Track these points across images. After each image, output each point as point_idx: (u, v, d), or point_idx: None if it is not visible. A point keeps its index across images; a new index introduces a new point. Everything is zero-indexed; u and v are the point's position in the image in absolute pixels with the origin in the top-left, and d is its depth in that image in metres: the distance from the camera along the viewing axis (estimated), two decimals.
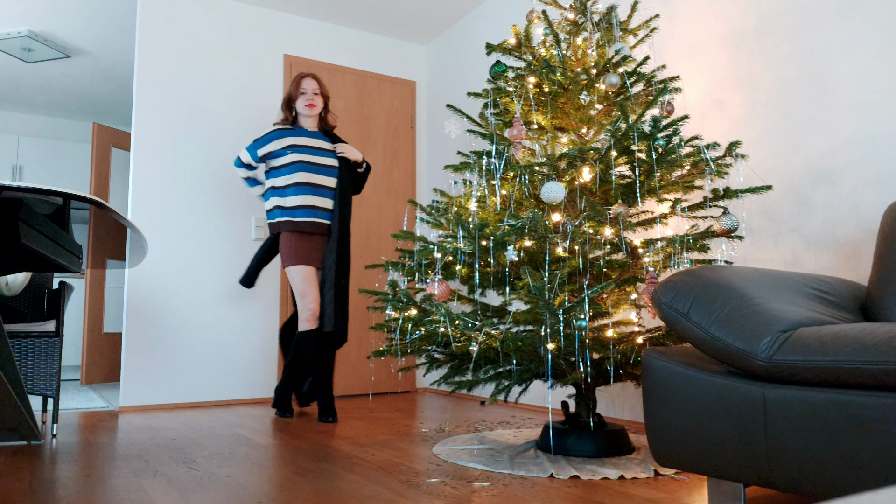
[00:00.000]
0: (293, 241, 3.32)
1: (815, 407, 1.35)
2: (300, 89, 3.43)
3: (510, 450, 2.43)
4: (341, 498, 1.81)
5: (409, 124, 4.87)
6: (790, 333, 1.41)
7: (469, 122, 3.25)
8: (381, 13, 4.47)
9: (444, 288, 2.31)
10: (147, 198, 3.87)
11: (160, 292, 3.87)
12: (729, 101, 2.78)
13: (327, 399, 3.29)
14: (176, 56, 4.04)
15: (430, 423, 3.17)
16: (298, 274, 3.32)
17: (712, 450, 1.54)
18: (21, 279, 3.08)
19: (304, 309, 3.30)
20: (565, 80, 2.39)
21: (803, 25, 2.52)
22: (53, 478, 2.07)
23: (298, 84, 3.44)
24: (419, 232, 4.46)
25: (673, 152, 2.14)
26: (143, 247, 2.53)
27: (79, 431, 2.98)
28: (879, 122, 2.27)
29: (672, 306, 1.59)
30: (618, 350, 2.13)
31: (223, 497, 1.83)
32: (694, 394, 1.59)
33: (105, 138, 5.46)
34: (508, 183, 2.43)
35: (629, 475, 2.01)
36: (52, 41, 4.85)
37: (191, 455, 2.42)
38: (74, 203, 1.77)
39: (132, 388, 3.73)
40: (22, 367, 2.79)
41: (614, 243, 2.28)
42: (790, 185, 2.52)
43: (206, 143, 4.08)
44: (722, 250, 2.69)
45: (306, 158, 3.35)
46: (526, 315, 2.09)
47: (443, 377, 2.38)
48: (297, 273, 3.32)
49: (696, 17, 2.94)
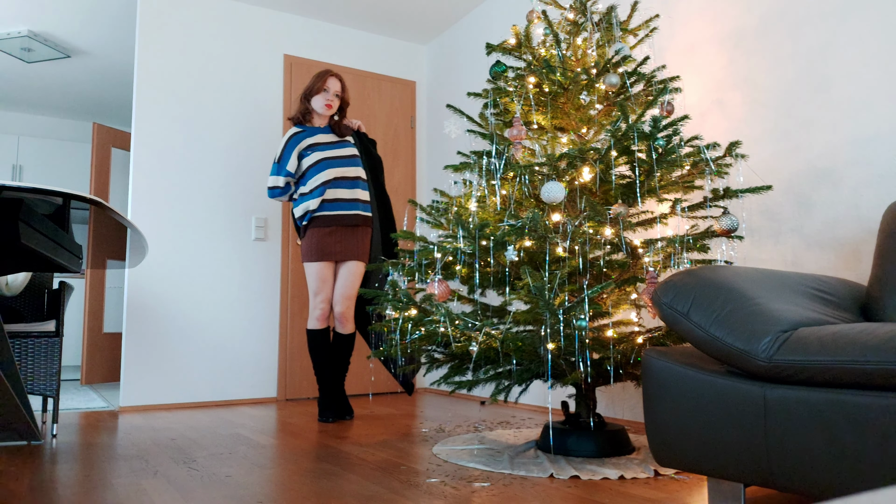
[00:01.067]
0: (314, 236, 3.26)
1: (815, 407, 1.35)
2: (325, 86, 3.35)
3: (510, 450, 2.43)
4: (341, 498, 1.81)
5: (409, 124, 4.87)
6: (790, 333, 1.41)
7: (469, 122, 3.25)
8: (381, 13, 4.47)
9: (444, 288, 2.31)
10: (147, 198, 3.87)
11: (160, 292, 3.87)
12: (729, 101, 2.78)
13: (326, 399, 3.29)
14: (176, 56, 4.04)
15: (430, 423, 3.17)
16: (314, 271, 3.26)
17: (712, 450, 1.54)
18: (21, 279, 3.08)
19: (314, 307, 3.27)
20: (565, 80, 2.39)
21: (803, 25, 2.52)
22: (53, 478, 2.07)
23: (325, 81, 3.35)
24: (419, 232, 4.46)
25: (673, 152, 2.14)
26: (143, 247, 2.53)
27: (79, 431, 2.98)
28: (879, 122, 2.27)
29: (672, 306, 1.59)
30: (618, 350, 2.13)
31: (223, 497, 1.83)
32: (694, 394, 1.59)
33: (105, 138, 5.46)
34: (508, 183, 2.43)
35: (629, 475, 2.01)
36: (52, 41, 4.85)
37: (191, 455, 2.42)
38: (74, 203, 1.77)
39: (132, 388, 3.73)
40: (22, 367, 2.79)
41: (614, 243, 2.28)
42: (790, 185, 2.52)
43: (206, 143, 4.08)
44: (722, 250, 2.69)
45: (327, 154, 3.30)
46: (526, 315, 2.09)
47: (443, 377, 2.38)
48: (313, 270, 3.26)
49: (696, 17, 2.94)
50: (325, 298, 3.27)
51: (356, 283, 3.32)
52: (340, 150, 3.34)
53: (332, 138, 3.37)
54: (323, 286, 3.26)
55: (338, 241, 3.26)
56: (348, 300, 3.31)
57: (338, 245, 3.26)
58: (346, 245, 3.28)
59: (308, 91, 3.37)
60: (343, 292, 3.30)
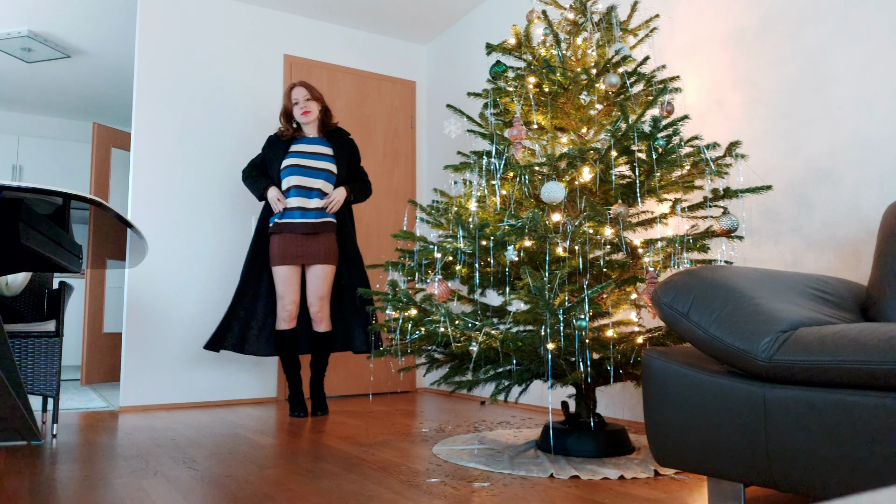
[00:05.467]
0: (274, 242, 3.45)
1: (815, 407, 1.35)
2: (292, 100, 3.54)
3: (510, 450, 2.43)
4: (341, 498, 1.81)
5: (409, 124, 4.87)
6: (790, 333, 1.41)
7: (469, 122, 3.25)
8: (381, 13, 4.47)
9: (444, 288, 2.31)
10: (147, 198, 3.87)
11: (160, 292, 3.87)
12: (729, 101, 2.78)
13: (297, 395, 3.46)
14: (176, 56, 4.04)
15: (430, 423, 3.17)
16: (278, 275, 3.44)
17: (712, 450, 1.54)
18: (21, 279, 3.08)
19: (281, 309, 3.43)
20: (565, 80, 2.39)
21: (803, 25, 2.52)
22: (53, 478, 2.07)
23: (289, 95, 3.55)
24: (419, 232, 4.45)
25: (673, 152, 2.14)
26: (143, 247, 2.53)
27: (79, 431, 2.98)
28: (879, 122, 2.26)
29: (672, 306, 1.59)
30: (618, 350, 2.13)
31: (223, 497, 1.83)
32: (694, 394, 1.59)
33: (105, 138, 5.46)
34: (508, 183, 2.43)
35: (629, 475, 2.01)
36: (52, 41, 4.85)
37: (191, 455, 2.42)
38: (74, 203, 1.77)
39: (132, 388, 3.73)
40: (22, 367, 2.79)
41: (614, 243, 2.28)
42: (790, 185, 2.52)
43: (206, 142, 4.08)
44: (722, 250, 2.69)
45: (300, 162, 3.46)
46: (526, 315, 2.09)
47: (443, 377, 2.38)
48: (277, 274, 3.44)
49: (695, 17, 2.94)
50: (292, 301, 3.43)
51: (325, 284, 3.47)
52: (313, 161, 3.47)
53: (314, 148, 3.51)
54: (287, 290, 3.42)
55: (299, 245, 3.42)
56: (321, 300, 3.47)
57: (299, 249, 3.42)
58: (307, 249, 3.43)
59: (284, 112, 3.57)
60: (315, 293, 3.46)
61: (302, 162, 3.45)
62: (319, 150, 3.51)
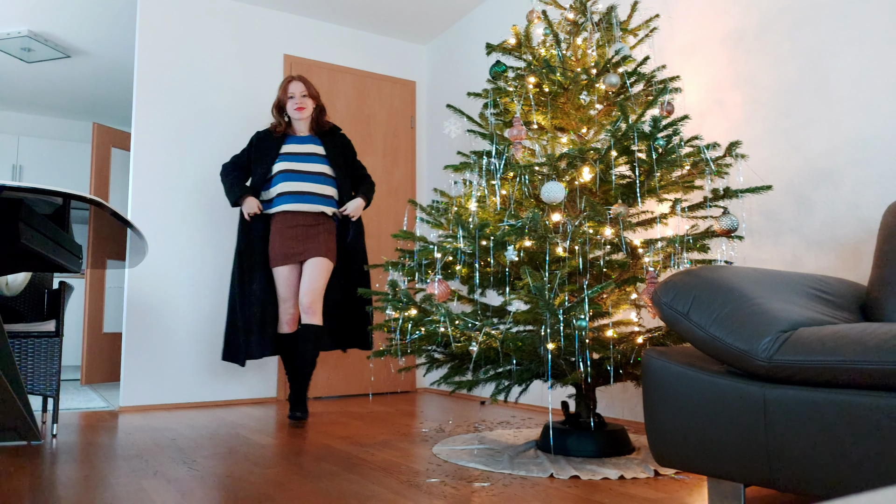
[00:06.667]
0: (275, 241, 3.38)
1: (815, 407, 1.35)
2: (288, 93, 3.44)
3: (510, 450, 2.43)
4: (341, 498, 1.81)
5: (409, 124, 4.87)
6: (790, 333, 1.41)
7: (469, 122, 3.25)
8: (381, 13, 4.47)
9: (444, 288, 2.31)
10: (147, 198, 3.87)
11: (160, 292, 3.87)
12: (729, 101, 2.78)
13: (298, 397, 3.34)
14: (176, 56, 4.04)
15: (430, 423, 3.17)
16: (279, 277, 3.38)
17: (712, 450, 1.54)
18: (21, 279, 3.08)
19: (283, 313, 3.38)
20: (565, 80, 2.39)
21: (803, 25, 2.52)
22: (53, 478, 2.07)
23: (286, 88, 3.46)
24: (419, 232, 4.46)
25: (673, 152, 2.14)
26: (143, 247, 2.53)
27: (79, 431, 2.98)
28: (879, 122, 2.27)
29: (672, 306, 1.59)
30: (618, 350, 2.13)
31: (223, 497, 1.83)
32: (694, 394, 1.59)
33: (105, 138, 5.46)
34: (508, 183, 2.43)
35: (629, 475, 2.01)
36: (52, 41, 4.85)
37: (191, 455, 2.42)
38: (74, 203, 1.77)
39: (132, 388, 3.73)
40: (22, 367, 2.79)
41: (614, 243, 2.28)
42: (790, 185, 2.52)
43: (206, 142, 4.08)
44: (722, 250, 2.69)
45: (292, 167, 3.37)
46: (526, 315, 2.09)
47: (443, 377, 2.38)
48: (278, 275, 3.38)
49: (696, 17, 2.94)
50: (293, 305, 3.38)
51: (320, 277, 3.36)
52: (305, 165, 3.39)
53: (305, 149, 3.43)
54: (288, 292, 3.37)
55: (300, 241, 3.35)
56: (314, 292, 3.36)
57: (301, 246, 3.35)
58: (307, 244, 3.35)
59: (277, 104, 3.48)
60: (309, 285, 3.34)
61: (293, 166, 3.36)
62: (311, 150, 3.42)
